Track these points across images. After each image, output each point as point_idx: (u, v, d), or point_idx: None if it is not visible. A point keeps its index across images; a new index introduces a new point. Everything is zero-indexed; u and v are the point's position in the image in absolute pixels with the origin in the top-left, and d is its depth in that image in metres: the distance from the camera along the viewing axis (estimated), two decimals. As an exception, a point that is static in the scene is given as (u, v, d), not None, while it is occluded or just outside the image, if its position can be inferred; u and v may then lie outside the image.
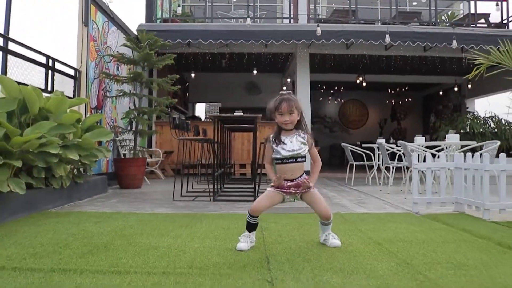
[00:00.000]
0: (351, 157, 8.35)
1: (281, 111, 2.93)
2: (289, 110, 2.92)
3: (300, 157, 2.95)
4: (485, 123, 11.66)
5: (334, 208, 5.06)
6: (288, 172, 2.96)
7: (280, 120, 2.95)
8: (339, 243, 3.00)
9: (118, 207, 5.03)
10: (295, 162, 2.95)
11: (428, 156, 4.92)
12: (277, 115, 2.96)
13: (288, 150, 2.93)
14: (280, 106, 2.92)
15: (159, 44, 7.65)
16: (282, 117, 2.93)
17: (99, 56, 7.46)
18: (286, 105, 2.91)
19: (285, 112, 2.92)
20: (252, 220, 2.98)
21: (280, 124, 2.97)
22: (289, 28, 9.89)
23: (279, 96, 3.00)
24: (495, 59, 5.36)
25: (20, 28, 5.34)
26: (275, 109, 2.95)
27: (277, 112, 2.94)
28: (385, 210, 4.96)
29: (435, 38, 9.72)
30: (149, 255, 2.71)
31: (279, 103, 2.94)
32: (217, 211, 4.76)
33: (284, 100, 2.94)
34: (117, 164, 7.37)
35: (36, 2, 6.58)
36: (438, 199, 4.89)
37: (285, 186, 2.97)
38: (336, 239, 3.03)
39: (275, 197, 3.00)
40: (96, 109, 7.32)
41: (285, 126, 2.96)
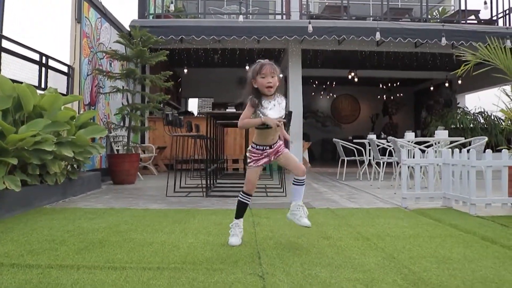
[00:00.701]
0: (342, 153, 8.45)
1: (263, 73, 2.88)
2: (271, 72, 2.90)
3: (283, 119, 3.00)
4: (475, 118, 11.80)
5: (325, 203, 5.16)
6: (269, 137, 3.00)
7: (262, 82, 2.88)
8: (308, 222, 2.98)
9: (112, 203, 5.09)
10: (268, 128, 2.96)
11: (417, 152, 5.03)
12: (258, 79, 2.89)
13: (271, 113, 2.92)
14: (262, 68, 2.89)
15: (152, 40, 7.69)
16: (265, 79, 2.88)
17: (92, 53, 7.49)
18: (269, 67, 2.91)
19: (267, 74, 2.88)
20: (246, 199, 3.05)
21: (262, 87, 2.90)
22: (281, 24, 9.95)
23: (258, 62, 2.97)
24: (482, 56, 5.45)
25: (14, 26, 5.36)
26: (256, 73, 2.90)
27: (259, 75, 2.89)
28: (375, 205, 5.06)
29: (426, 35, 9.83)
30: (143, 251, 2.79)
31: (260, 66, 2.91)
32: (210, 206, 4.84)
33: (265, 63, 2.93)
34: (111, 160, 7.43)
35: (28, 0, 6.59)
36: (427, 194, 5.01)
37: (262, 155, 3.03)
38: (305, 218, 3.00)
39: (258, 170, 3.07)
40: (90, 105, 7.36)
41: (268, 90, 2.91)
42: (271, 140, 3.02)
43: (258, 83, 2.92)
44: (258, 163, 3.04)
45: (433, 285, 2.15)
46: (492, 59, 5.41)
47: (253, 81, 2.94)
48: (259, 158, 3.04)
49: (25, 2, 6.41)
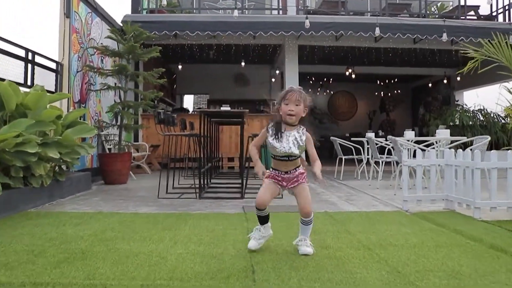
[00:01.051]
0: (340, 151, 8.25)
1: (287, 99, 2.78)
2: (296, 100, 2.77)
3: (293, 156, 2.84)
4: (474, 116, 11.62)
5: (323, 206, 4.95)
6: (281, 167, 2.89)
7: (284, 109, 2.79)
8: (310, 250, 2.84)
9: (101, 206, 4.88)
10: (288, 161, 2.85)
11: (418, 152, 4.83)
12: (282, 105, 2.80)
13: (283, 147, 2.79)
14: (287, 94, 2.79)
15: (145, 36, 7.45)
16: (288, 106, 2.78)
17: (82, 49, 7.24)
18: (295, 94, 2.78)
19: (291, 101, 2.77)
20: (261, 213, 2.94)
21: (284, 114, 2.80)
22: (278, 19, 9.73)
23: (288, 88, 2.88)
24: (487, 53, 5.24)
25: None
26: (281, 98, 2.82)
27: (283, 101, 2.80)
28: (374, 207, 4.87)
29: (425, 30, 9.62)
30: (128, 264, 2.58)
31: (286, 92, 2.82)
32: (202, 210, 4.63)
33: (293, 90, 2.82)
34: (102, 160, 7.20)
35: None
36: (428, 196, 4.81)
37: (279, 178, 2.90)
38: (308, 247, 2.86)
39: (275, 188, 2.92)
40: (80, 103, 7.12)
41: (289, 118, 2.79)
42: (284, 168, 2.90)
43: (282, 110, 2.82)
44: (273, 179, 2.92)
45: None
46: (497, 56, 5.20)
47: (278, 107, 2.85)
48: (275, 175, 2.92)
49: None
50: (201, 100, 21.77)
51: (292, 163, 2.86)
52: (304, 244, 2.88)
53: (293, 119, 2.79)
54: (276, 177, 2.89)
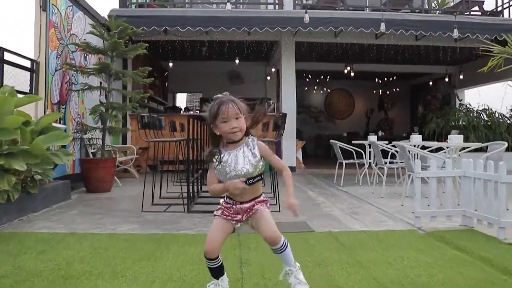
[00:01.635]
0: (340, 155, 7.72)
1: (224, 117, 2.19)
2: (234, 113, 2.20)
3: (250, 179, 2.25)
4: (478, 116, 11.13)
5: (325, 222, 4.42)
6: (237, 195, 2.29)
7: (224, 129, 2.21)
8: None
9: (76, 223, 4.33)
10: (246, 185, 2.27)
11: (433, 163, 4.32)
12: (219, 124, 2.22)
13: (233, 170, 2.23)
14: (221, 110, 2.20)
15: (129, 31, 6.87)
16: (227, 124, 2.20)
17: (62, 45, 6.67)
18: (230, 107, 2.20)
19: (230, 117, 2.20)
20: (212, 264, 2.31)
21: (226, 135, 2.23)
22: (274, 14, 9.19)
23: (215, 100, 2.27)
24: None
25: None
26: (214, 116, 2.22)
27: (217, 120, 2.21)
28: (383, 224, 4.35)
29: (429, 27, 9.10)
30: (89, 319, 2.05)
31: (218, 107, 2.22)
32: (190, 229, 4.09)
33: (224, 102, 2.22)
34: (83, 166, 6.65)
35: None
36: (444, 212, 4.30)
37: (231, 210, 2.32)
38: (300, 284, 2.32)
39: (226, 226, 2.32)
40: (59, 104, 6.55)
41: (234, 136, 2.22)
42: (240, 198, 2.30)
43: (221, 130, 2.23)
44: (223, 215, 2.32)
45: None
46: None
47: (213, 127, 2.26)
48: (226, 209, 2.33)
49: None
50: (195, 98, 21.18)
51: (251, 189, 2.29)
52: (294, 280, 2.32)
53: (238, 135, 2.23)
54: (227, 210, 2.31)
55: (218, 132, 2.24)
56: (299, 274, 2.34)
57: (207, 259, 2.28)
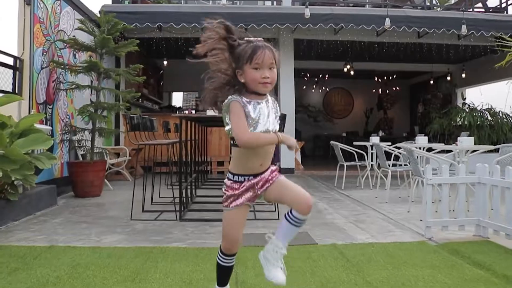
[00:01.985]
0: (341, 157, 7.39)
1: (258, 63, 1.85)
2: (270, 62, 1.87)
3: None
4: (482, 115, 10.81)
5: (328, 232, 4.09)
6: (256, 160, 1.96)
7: (255, 77, 1.85)
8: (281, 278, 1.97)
9: (58, 234, 3.99)
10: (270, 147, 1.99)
11: (445, 168, 3.99)
12: (248, 70, 1.86)
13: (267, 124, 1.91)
14: (257, 54, 1.85)
15: (120, 27, 6.51)
16: (259, 72, 1.85)
17: (49, 42, 6.31)
18: (268, 53, 1.86)
19: (264, 65, 1.85)
20: (228, 262, 2.06)
21: (254, 83, 1.87)
22: (272, 10, 8.85)
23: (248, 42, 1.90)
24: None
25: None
26: (246, 60, 1.86)
27: (249, 64, 1.85)
28: (391, 235, 4.02)
29: (433, 23, 8.77)
30: None
31: (252, 50, 1.86)
32: (182, 240, 3.76)
33: (260, 47, 1.87)
34: (71, 169, 6.30)
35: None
36: (456, 221, 3.98)
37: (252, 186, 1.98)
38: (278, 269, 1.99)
39: (245, 212, 2.03)
40: (46, 104, 6.20)
41: (264, 87, 1.89)
42: (259, 166, 1.96)
43: (248, 76, 1.87)
44: (237, 202, 1.98)
45: None
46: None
47: (239, 71, 1.89)
48: (239, 193, 1.98)
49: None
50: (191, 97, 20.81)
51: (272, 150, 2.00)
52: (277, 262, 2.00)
53: (268, 87, 1.91)
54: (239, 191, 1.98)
55: (243, 79, 1.89)
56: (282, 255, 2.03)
57: (226, 256, 2.03)
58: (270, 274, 1.99)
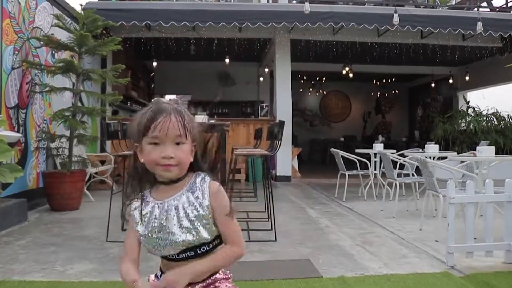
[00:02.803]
0: (342, 166, 6.82)
1: (156, 136, 1.26)
2: (175, 134, 1.27)
3: (192, 250, 1.31)
4: (488, 120, 10.31)
5: (334, 258, 3.52)
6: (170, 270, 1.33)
7: (152, 157, 1.26)
8: None
9: (17, 262, 3.39)
10: (184, 259, 1.31)
11: (470, 185, 3.43)
12: (145, 146, 1.27)
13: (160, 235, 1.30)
14: (155, 122, 1.26)
15: (100, 24, 5.92)
16: (159, 148, 1.26)
17: (22, 39, 5.72)
18: (171, 121, 1.27)
19: (167, 138, 1.26)
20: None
21: (153, 167, 1.28)
22: (268, 8, 8.30)
23: (152, 104, 1.33)
24: None
25: None
26: (141, 131, 1.28)
27: (145, 137, 1.27)
28: (406, 262, 3.45)
29: (439, 23, 8.24)
30: None
31: (151, 116, 1.27)
32: (162, 271, 3.18)
33: (163, 111, 1.28)
34: (46, 180, 5.70)
35: None
36: (483, 246, 3.42)
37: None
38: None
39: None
40: (18, 108, 5.60)
41: (166, 171, 1.28)
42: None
43: (145, 157, 1.29)
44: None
45: None
46: None
47: (138, 148, 1.32)
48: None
49: None
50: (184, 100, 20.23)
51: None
52: None
53: (173, 171, 1.29)
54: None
55: (142, 159, 1.30)
56: None
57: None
58: None
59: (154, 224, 1.30)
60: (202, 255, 1.30)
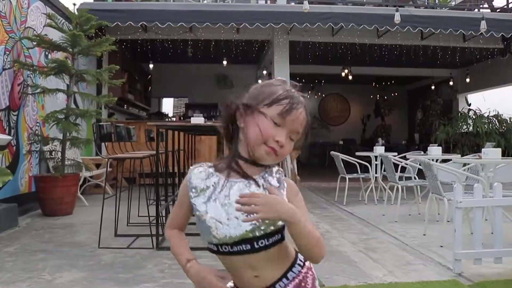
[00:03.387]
0: (343, 169, 6.67)
1: (286, 118, 1.14)
2: (298, 127, 1.18)
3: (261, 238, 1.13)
4: (490, 122, 10.19)
5: (336, 265, 3.36)
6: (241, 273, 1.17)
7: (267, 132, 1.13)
8: None
9: (3, 270, 3.24)
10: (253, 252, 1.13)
11: (478, 188, 3.28)
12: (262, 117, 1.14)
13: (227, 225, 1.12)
14: (291, 105, 1.15)
15: (94, 23, 5.77)
16: (278, 130, 1.14)
17: (13, 39, 5.57)
18: (302, 114, 1.18)
19: (289, 125, 1.16)
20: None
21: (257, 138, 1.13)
22: (266, 8, 8.17)
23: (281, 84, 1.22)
24: None
25: None
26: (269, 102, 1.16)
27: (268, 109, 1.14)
28: (412, 269, 3.30)
29: (439, 23, 8.11)
30: None
31: (285, 98, 1.16)
32: (155, 280, 3.02)
33: (297, 102, 1.17)
34: (38, 184, 5.55)
35: None
36: (492, 253, 3.27)
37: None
38: None
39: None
40: (9, 110, 5.44)
41: (266, 153, 1.14)
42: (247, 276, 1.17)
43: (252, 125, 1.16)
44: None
45: None
46: None
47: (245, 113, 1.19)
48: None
49: None
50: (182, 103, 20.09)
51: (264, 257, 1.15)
52: None
53: (272, 158, 1.16)
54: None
55: (243, 124, 1.18)
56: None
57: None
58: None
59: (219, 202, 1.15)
60: (259, 250, 1.13)
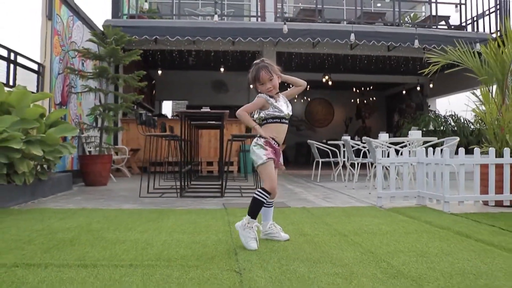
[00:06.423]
0: (317, 154, 8.46)
1: (260, 81, 2.93)
2: (268, 77, 2.92)
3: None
4: (445, 121, 12.03)
5: (300, 203, 5.13)
6: (281, 133, 2.98)
7: (263, 89, 2.94)
8: (287, 236, 3.02)
9: (83, 204, 4.95)
10: (287, 124, 3.02)
11: (392, 151, 5.06)
12: (258, 86, 2.96)
13: (286, 110, 2.99)
14: (259, 75, 2.92)
15: (125, 39, 7.54)
16: (264, 86, 2.93)
17: (64, 51, 7.31)
18: (264, 73, 2.92)
19: (265, 81, 2.92)
20: (266, 199, 2.87)
21: (265, 93, 2.95)
22: (256, 26, 9.95)
23: (254, 66, 2.99)
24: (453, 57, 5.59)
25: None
26: (254, 80, 2.96)
27: (257, 82, 2.95)
28: (350, 204, 5.07)
29: (398, 38, 9.96)
30: (116, 249, 2.70)
31: (256, 73, 2.94)
32: (184, 206, 4.76)
33: (260, 68, 2.94)
34: (82, 161, 7.25)
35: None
36: (401, 193, 5.04)
37: (276, 151, 2.94)
38: (283, 232, 3.04)
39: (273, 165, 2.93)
40: (61, 105, 7.17)
41: (270, 93, 2.95)
42: (281, 138, 3.00)
43: (260, 89, 2.98)
44: (271, 155, 2.90)
45: (412, 277, 2.13)
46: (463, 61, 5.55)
47: (255, 87, 3.01)
48: (273, 153, 2.93)
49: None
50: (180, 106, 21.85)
51: (282, 134, 3.02)
52: (280, 230, 3.02)
53: (273, 91, 2.96)
54: (274, 152, 2.91)
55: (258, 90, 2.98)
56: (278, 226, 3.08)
57: (267, 194, 2.86)
58: (281, 236, 2.98)
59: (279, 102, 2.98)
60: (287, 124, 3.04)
